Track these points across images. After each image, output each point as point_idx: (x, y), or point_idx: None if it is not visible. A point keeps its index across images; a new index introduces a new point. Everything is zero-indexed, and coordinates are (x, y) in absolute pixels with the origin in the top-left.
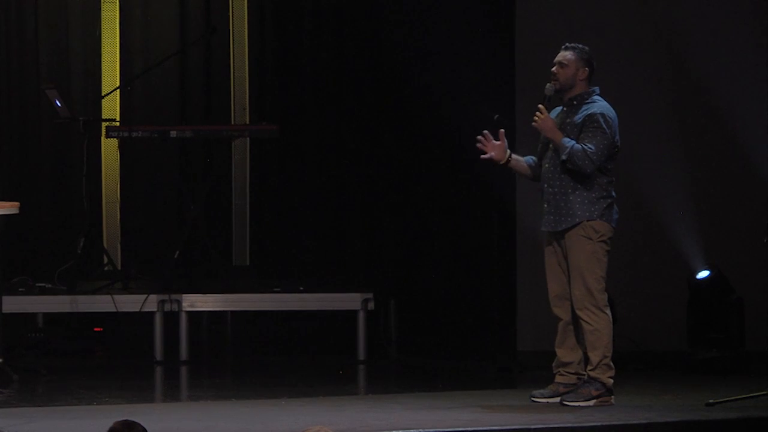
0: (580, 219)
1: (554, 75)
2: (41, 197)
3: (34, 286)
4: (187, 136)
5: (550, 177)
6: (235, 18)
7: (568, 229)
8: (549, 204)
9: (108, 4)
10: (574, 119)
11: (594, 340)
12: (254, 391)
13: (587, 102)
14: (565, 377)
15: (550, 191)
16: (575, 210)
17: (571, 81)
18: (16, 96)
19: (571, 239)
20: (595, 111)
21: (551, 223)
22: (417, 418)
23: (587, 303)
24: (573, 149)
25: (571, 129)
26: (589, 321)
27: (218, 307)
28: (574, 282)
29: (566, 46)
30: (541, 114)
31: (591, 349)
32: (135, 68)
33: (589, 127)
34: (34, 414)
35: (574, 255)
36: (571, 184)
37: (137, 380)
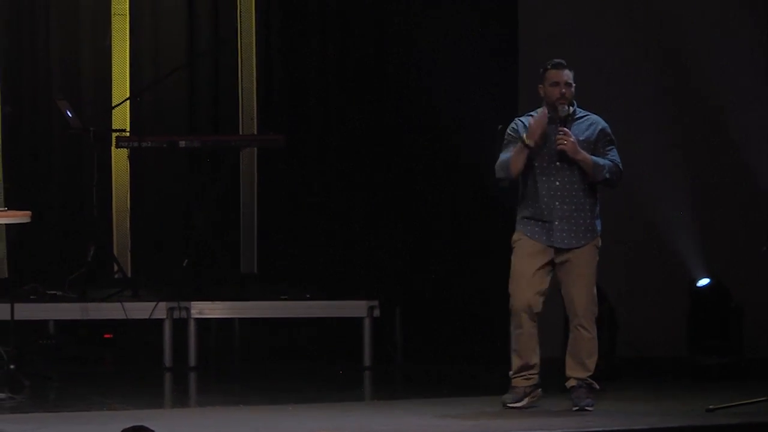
0: (596, 234)
1: (564, 95)
2: (52, 206)
3: (45, 293)
4: (195, 146)
5: (567, 194)
6: (242, 31)
7: (585, 244)
8: (562, 220)
9: (118, 17)
10: (585, 135)
11: (592, 347)
12: (262, 397)
13: (584, 115)
14: (530, 380)
15: (564, 208)
16: (593, 225)
17: (572, 98)
18: (29, 107)
19: (583, 252)
20: (604, 125)
21: (566, 240)
22: (422, 423)
23: (590, 313)
24: (610, 167)
25: (588, 143)
26: (590, 329)
27: (226, 314)
28: (582, 292)
29: (562, 63)
30: (568, 137)
31: (588, 356)
32: (144, 80)
33: (606, 141)
34: (46, 419)
35: (586, 267)
36: (590, 201)
37: (147, 386)
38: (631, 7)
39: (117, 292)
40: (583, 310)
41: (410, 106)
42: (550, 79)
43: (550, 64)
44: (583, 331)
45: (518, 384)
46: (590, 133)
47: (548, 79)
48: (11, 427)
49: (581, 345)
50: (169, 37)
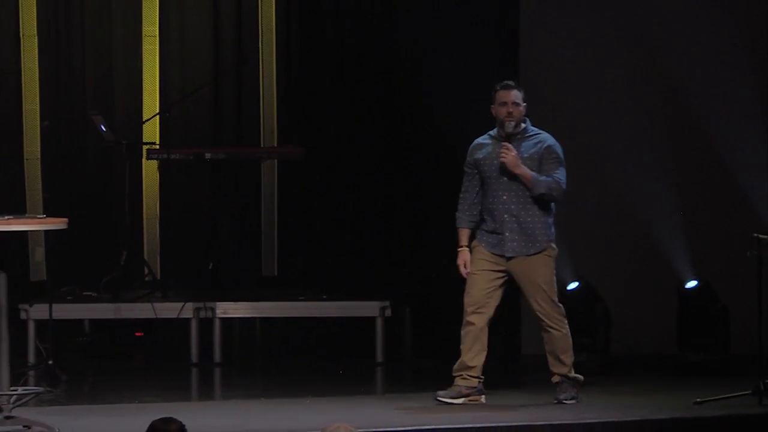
0: (546, 244)
1: (510, 114)
2: (88, 214)
3: (81, 294)
4: (220, 157)
5: (513, 207)
6: (264, 50)
7: (535, 253)
8: (512, 232)
9: (149, 38)
10: (532, 152)
11: (564, 344)
12: (281, 391)
13: (534, 134)
14: (467, 380)
15: (513, 220)
16: (543, 235)
17: (522, 117)
18: (65, 121)
19: (536, 261)
20: (551, 143)
21: (517, 249)
22: (430, 415)
23: (553, 313)
24: (550, 184)
25: (534, 160)
26: (560, 328)
27: (248, 314)
28: (539, 297)
29: (510, 84)
30: (509, 151)
31: (563, 352)
32: (173, 96)
33: (551, 159)
34: (81, 411)
35: (539, 273)
36: (538, 212)
37: (175, 381)
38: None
39: (147, 294)
40: (546, 314)
41: (419, 120)
42: (499, 99)
43: (499, 86)
44: (553, 331)
45: (457, 383)
46: (536, 150)
47: (497, 100)
48: (49, 419)
49: (555, 343)
50: (196, 56)
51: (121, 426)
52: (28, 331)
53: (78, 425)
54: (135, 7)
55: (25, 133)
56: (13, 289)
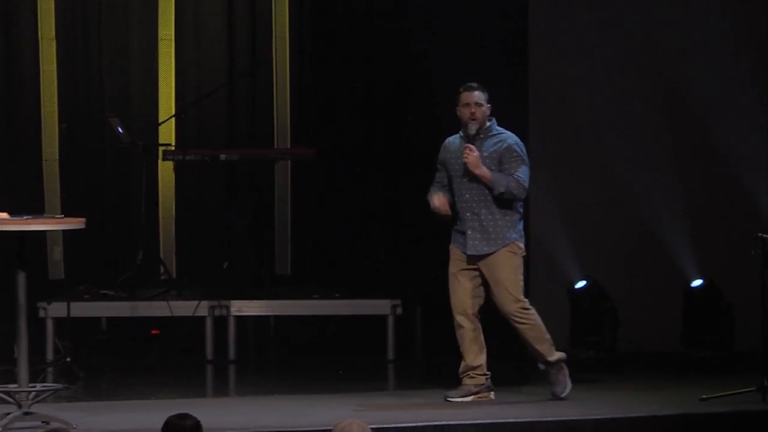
0: (508, 241)
1: (473, 114)
2: (105, 214)
3: (98, 293)
4: (234, 159)
5: (475, 206)
6: (277, 53)
7: (496, 251)
8: (474, 230)
9: (164, 42)
10: (492, 151)
11: (535, 334)
12: (295, 387)
13: (496, 134)
14: (474, 379)
15: (474, 218)
16: (504, 233)
17: (484, 117)
18: (83, 123)
19: (497, 258)
20: (511, 142)
21: (478, 247)
22: (439, 411)
23: (516, 307)
24: (509, 182)
25: (493, 159)
26: (524, 320)
27: (263, 312)
28: (500, 293)
29: (473, 86)
30: (471, 152)
31: (537, 343)
32: (188, 98)
33: (511, 158)
34: (99, 407)
35: (500, 270)
36: (499, 211)
37: (190, 377)
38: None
39: (163, 292)
40: (509, 309)
41: (428, 121)
42: (462, 101)
43: (463, 88)
44: (519, 325)
45: (465, 382)
46: (495, 149)
47: (461, 101)
48: (67, 415)
49: (525, 335)
50: (210, 59)
51: (138, 422)
52: (47, 328)
53: (95, 421)
54: (151, 11)
55: (44, 135)
56: (31, 287)
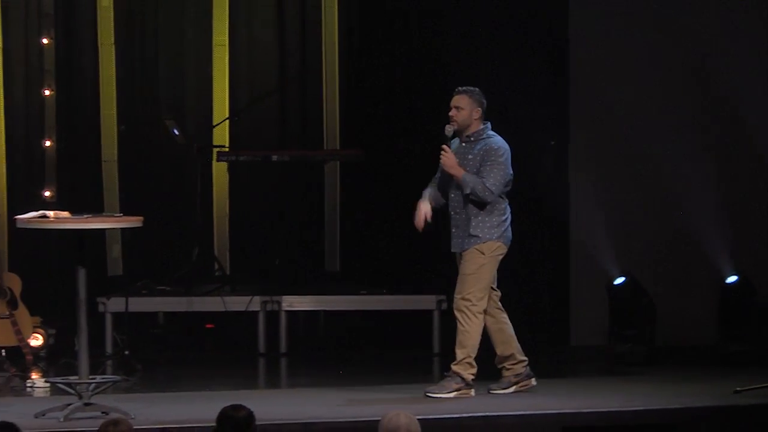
0: (482, 241)
1: (452, 118)
2: (162, 213)
3: (155, 288)
4: (285, 159)
5: (457, 205)
6: (327, 58)
7: (468, 249)
8: (457, 228)
9: (219, 47)
10: (474, 153)
11: (463, 339)
12: (344, 380)
13: (482, 138)
14: (511, 369)
15: (457, 217)
16: (477, 233)
17: (467, 121)
18: (141, 126)
19: (467, 256)
20: (493, 147)
21: (458, 245)
22: (482, 402)
23: (465, 306)
24: (474, 183)
25: (472, 163)
26: (463, 322)
27: (313, 307)
28: (458, 285)
29: (458, 90)
30: (446, 153)
31: (459, 347)
32: (241, 102)
33: (487, 162)
34: (155, 399)
35: (466, 265)
36: (475, 211)
37: (243, 370)
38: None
39: (217, 288)
40: (456, 304)
41: None
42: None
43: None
44: (457, 323)
45: (504, 374)
46: (477, 151)
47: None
48: (125, 406)
49: (457, 334)
50: (263, 64)
51: (193, 412)
52: (106, 323)
53: (152, 412)
54: (206, 18)
55: (103, 137)
56: (91, 283)
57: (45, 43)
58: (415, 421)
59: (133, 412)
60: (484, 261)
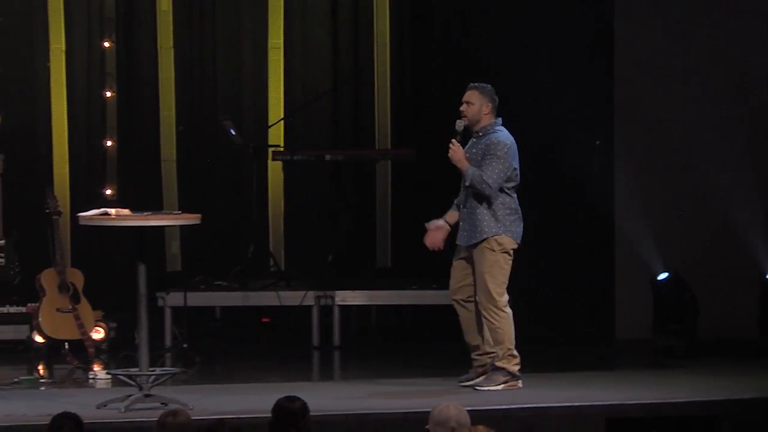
0: (486, 234)
1: (462, 113)
2: (219, 210)
3: (212, 284)
4: (339, 159)
5: (464, 199)
6: (378, 60)
7: (477, 243)
8: (464, 221)
9: (274, 50)
10: (479, 148)
11: (497, 336)
12: (396, 373)
13: (490, 132)
14: (479, 360)
15: (465, 211)
16: (483, 227)
17: (478, 116)
18: (199, 126)
19: (477, 252)
20: (495, 141)
21: (465, 238)
22: (531, 394)
23: (489, 305)
24: (473, 176)
25: (477, 156)
26: (492, 320)
27: (365, 301)
28: (478, 287)
29: (471, 85)
30: (453, 146)
31: (496, 345)
32: (296, 102)
33: (488, 155)
34: (212, 390)
35: (478, 265)
36: (479, 205)
37: (297, 362)
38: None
39: (273, 283)
40: (481, 304)
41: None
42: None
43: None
44: (487, 322)
45: (472, 365)
46: (482, 145)
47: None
48: (184, 397)
49: (489, 333)
50: (317, 65)
51: (249, 403)
52: (165, 317)
53: (210, 402)
54: (262, 21)
55: (162, 137)
56: (151, 278)
57: (106, 46)
58: (464, 412)
59: (191, 403)
60: (495, 257)
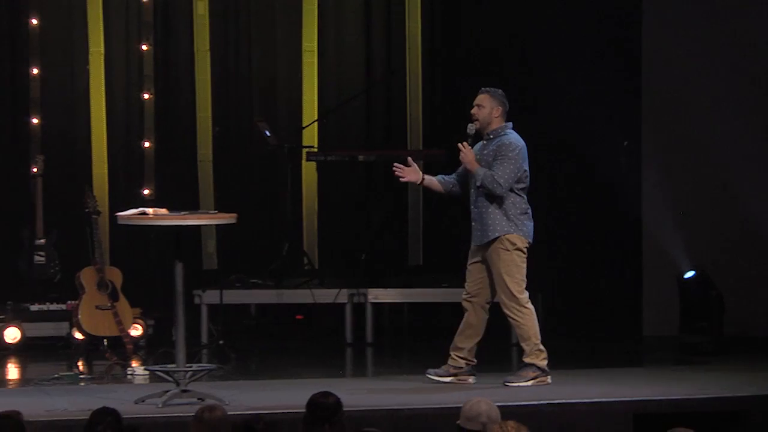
0: (499, 233)
1: (474, 116)
2: (254, 210)
3: (248, 282)
4: (371, 159)
5: (475, 199)
6: (410, 62)
7: (489, 243)
8: (475, 222)
9: (308, 52)
10: (490, 150)
11: (523, 333)
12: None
13: (501, 135)
14: (455, 361)
15: (475, 211)
16: (495, 226)
17: (488, 119)
18: (234, 127)
19: (493, 251)
20: (506, 142)
21: (477, 238)
22: (559, 390)
23: (511, 304)
24: (485, 176)
25: (487, 158)
26: (515, 318)
27: (397, 299)
28: (498, 288)
29: (482, 90)
30: (463, 149)
31: (522, 341)
32: (329, 104)
33: (499, 157)
34: (248, 386)
35: (495, 265)
36: (490, 205)
37: (331, 359)
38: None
39: (307, 281)
40: (503, 303)
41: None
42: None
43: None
44: (510, 320)
45: (448, 362)
46: (492, 147)
47: None
48: (220, 392)
49: (516, 330)
50: (350, 68)
51: (284, 399)
52: (202, 314)
53: (246, 398)
54: (296, 25)
55: (199, 138)
56: (188, 277)
57: (144, 49)
58: (494, 407)
59: (228, 399)
60: (510, 256)
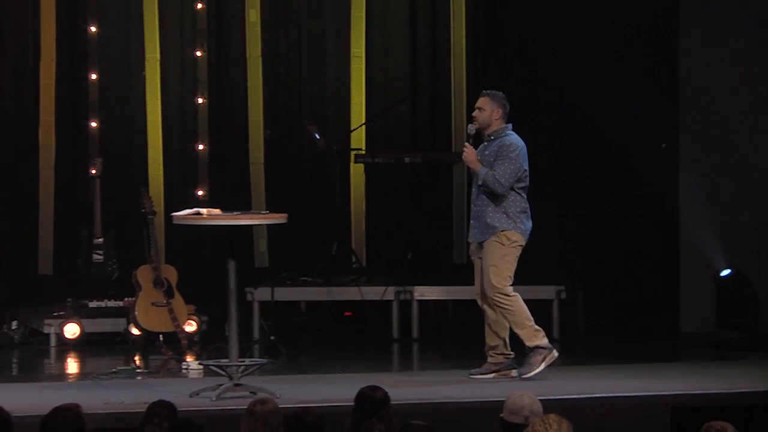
0: (497, 230)
1: (474, 118)
2: (305, 210)
3: (298, 279)
4: (417, 161)
5: (475, 198)
6: (455, 68)
7: (485, 239)
8: (475, 219)
9: (356, 59)
10: (491, 150)
11: (515, 320)
12: (472, 364)
13: (501, 137)
14: (493, 358)
15: (475, 209)
16: (494, 223)
17: (488, 121)
18: (285, 130)
19: (488, 246)
20: (506, 143)
21: (476, 235)
22: (599, 384)
23: (495, 293)
24: (486, 175)
25: (488, 158)
26: (504, 305)
27: (443, 296)
28: (484, 278)
29: (483, 92)
30: (466, 149)
31: (517, 327)
32: (376, 108)
33: (500, 157)
34: (298, 380)
35: (488, 259)
36: (490, 203)
37: (378, 354)
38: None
39: (355, 279)
40: (489, 294)
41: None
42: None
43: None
44: (499, 308)
45: (488, 360)
46: (493, 148)
47: None
48: (271, 386)
49: (506, 319)
50: (396, 74)
51: (333, 392)
52: (253, 311)
53: (296, 392)
54: (345, 32)
55: (251, 141)
56: (240, 274)
57: (198, 55)
58: (537, 401)
59: (279, 392)
60: (504, 251)
